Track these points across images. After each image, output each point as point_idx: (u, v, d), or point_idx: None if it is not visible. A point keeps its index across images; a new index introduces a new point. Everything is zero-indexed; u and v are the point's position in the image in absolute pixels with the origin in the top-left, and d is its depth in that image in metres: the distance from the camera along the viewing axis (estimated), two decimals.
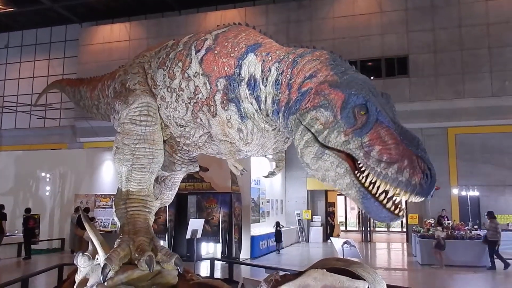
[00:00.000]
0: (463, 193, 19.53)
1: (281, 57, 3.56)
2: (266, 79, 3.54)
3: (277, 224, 18.15)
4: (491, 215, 14.13)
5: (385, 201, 2.90)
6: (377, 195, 2.91)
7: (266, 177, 4.35)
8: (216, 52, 3.83)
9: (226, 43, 3.84)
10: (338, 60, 3.38)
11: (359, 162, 2.97)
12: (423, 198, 2.83)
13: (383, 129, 2.92)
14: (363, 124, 2.94)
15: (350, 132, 2.96)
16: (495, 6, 20.35)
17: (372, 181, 2.91)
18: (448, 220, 16.78)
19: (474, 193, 19.41)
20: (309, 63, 3.38)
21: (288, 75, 3.42)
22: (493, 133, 19.85)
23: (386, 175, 2.82)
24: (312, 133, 3.11)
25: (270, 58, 3.60)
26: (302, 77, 3.33)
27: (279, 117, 3.48)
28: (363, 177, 2.95)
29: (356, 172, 3.00)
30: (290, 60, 3.49)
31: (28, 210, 16.02)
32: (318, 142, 3.08)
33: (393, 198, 2.90)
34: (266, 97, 3.55)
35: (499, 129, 19.80)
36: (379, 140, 2.89)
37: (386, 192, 2.87)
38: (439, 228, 14.34)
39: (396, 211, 2.91)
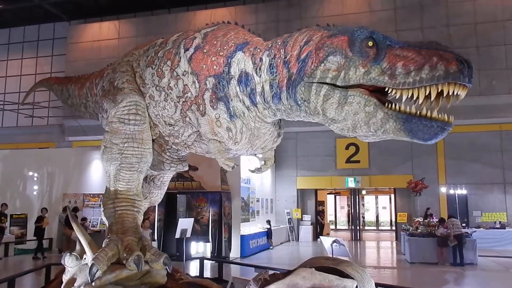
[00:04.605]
0: (451, 191, 19.73)
1: (270, 45, 3.54)
2: (260, 69, 3.48)
3: (268, 222, 18.80)
4: (449, 216, 14.95)
5: (429, 114, 2.77)
6: (417, 113, 2.77)
7: (253, 172, 4.33)
8: (205, 50, 3.82)
9: (215, 42, 3.83)
10: (328, 27, 3.34)
11: (386, 89, 2.86)
12: (468, 86, 2.68)
13: (397, 49, 2.85)
14: (376, 54, 2.87)
15: (367, 62, 2.87)
16: (482, 5, 20.54)
17: (409, 96, 2.76)
18: (434, 218, 16.90)
19: (462, 191, 19.61)
20: (300, 36, 3.33)
21: (282, 55, 3.35)
22: (481, 132, 20.07)
23: (421, 79, 2.67)
24: (328, 83, 2.99)
25: (259, 50, 3.57)
26: (298, 48, 3.25)
27: (280, 100, 3.36)
28: (394, 105, 2.84)
29: (386, 104, 2.89)
30: (279, 43, 3.45)
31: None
32: (338, 87, 2.97)
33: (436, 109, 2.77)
34: (262, 86, 3.46)
35: (487, 127, 20.02)
36: (398, 58, 2.80)
37: (429, 97, 2.72)
38: (440, 226, 14.29)
39: (445, 118, 2.78)
